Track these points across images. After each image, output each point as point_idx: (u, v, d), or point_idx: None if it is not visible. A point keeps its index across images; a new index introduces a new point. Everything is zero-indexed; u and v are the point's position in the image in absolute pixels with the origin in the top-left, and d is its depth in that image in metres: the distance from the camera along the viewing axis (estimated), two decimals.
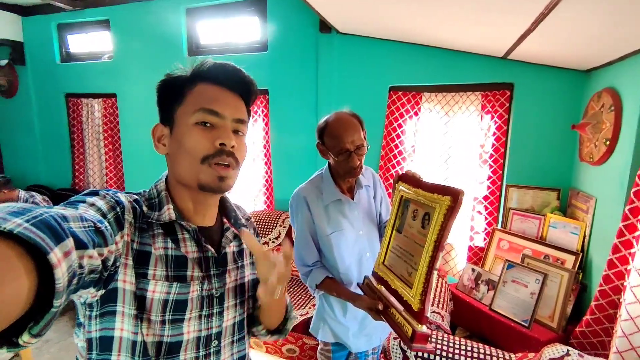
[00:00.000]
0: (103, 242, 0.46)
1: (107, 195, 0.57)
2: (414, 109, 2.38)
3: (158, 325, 0.59)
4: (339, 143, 1.08)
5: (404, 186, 0.99)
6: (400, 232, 0.97)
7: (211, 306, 0.65)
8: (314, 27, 2.50)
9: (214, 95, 0.64)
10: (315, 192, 1.17)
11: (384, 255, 1.02)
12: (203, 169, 0.61)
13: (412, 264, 0.87)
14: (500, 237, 2.20)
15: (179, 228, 0.64)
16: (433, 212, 0.83)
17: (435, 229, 0.80)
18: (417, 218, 0.91)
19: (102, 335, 0.57)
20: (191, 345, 0.62)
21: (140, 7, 2.99)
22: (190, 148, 0.61)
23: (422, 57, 2.30)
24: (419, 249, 0.85)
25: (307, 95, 2.62)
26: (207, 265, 0.66)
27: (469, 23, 1.70)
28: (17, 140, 3.90)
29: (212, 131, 0.62)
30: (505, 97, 2.17)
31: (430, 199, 0.85)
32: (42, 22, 3.45)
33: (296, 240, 1.20)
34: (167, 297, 0.59)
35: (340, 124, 1.11)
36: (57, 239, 0.36)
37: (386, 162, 2.49)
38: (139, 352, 0.58)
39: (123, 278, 0.56)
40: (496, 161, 2.23)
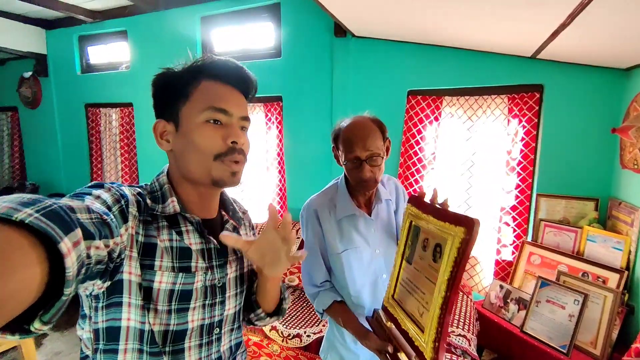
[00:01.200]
0: (109, 233, 0.47)
1: (112, 188, 0.57)
2: (434, 114, 2.26)
3: (164, 315, 0.60)
4: (349, 149, 0.97)
5: (414, 210, 0.88)
6: (410, 263, 0.86)
7: (214, 296, 0.67)
8: (328, 31, 2.43)
9: (221, 93, 0.65)
10: (328, 204, 1.06)
11: (393, 288, 0.90)
12: (216, 165, 0.63)
13: (424, 303, 0.76)
14: (531, 251, 2.03)
15: (183, 220, 0.65)
16: (445, 245, 0.72)
17: (447, 266, 0.69)
18: (427, 249, 0.79)
19: (109, 325, 0.58)
20: (195, 333, 0.65)
21: (156, 17, 3.02)
22: (201, 146, 0.62)
23: (442, 59, 2.18)
24: (431, 286, 0.74)
25: (322, 102, 2.54)
26: (210, 256, 0.68)
27: (495, 20, 1.57)
28: (41, 149, 4.01)
29: (223, 129, 0.64)
30: (535, 100, 2.01)
31: (441, 228, 0.74)
32: (64, 35, 3.54)
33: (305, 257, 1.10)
34: (173, 287, 0.61)
35: (354, 128, 0.99)
36: (67, 228, 0.36)
37: (405, 170, 2.36)
38: (147, 340, 0.60)
39: (128, 270, 0.57)
40: (525, 169, 2.07)
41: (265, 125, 2.79)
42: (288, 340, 1.86)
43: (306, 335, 1.85)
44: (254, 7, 2.70)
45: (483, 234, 2.25)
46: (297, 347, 1.85)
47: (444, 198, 0.81)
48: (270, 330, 1.92)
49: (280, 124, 2.72)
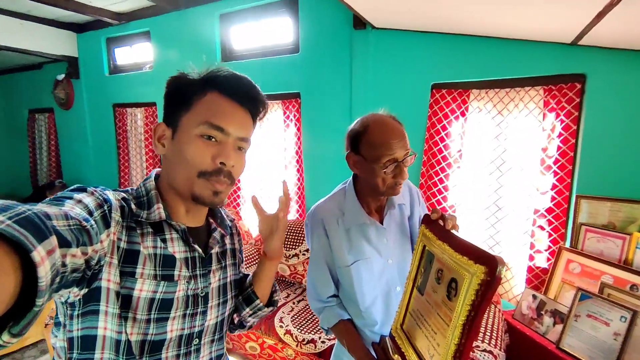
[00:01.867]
0: (88, 240, 0.46)
1: (95, 192, 0.56)
2: (460, 109, 2.10)
3: (143, 324, 0.59)
4: (387, 151, 0.84)
5: (428, 234, 0.77)
6: (422, 293, 0.76)
7: (196, 305, 0.66)
8: (347, 23, 2.33)
9: (222, 110, 0.62)
10: (335, 212, 0.96)
11: (402, 317, 0.81)
12: (199, 182, 0.61)
13: (435, 345, 0.67)
14: (570, 258, 1.84)
15: (168, 227, 0.64)
16: (462, 283, 0.62)
17: (463, 309, 0.59)
18: (442, 282, 0.69)
19: (84, 334, 0.56)
20: (173, 343, 0.63)
21: (177, 17, 3.04)
22: (189, 159, 0.60)
23: (469, 50, 2.02)
24: (443, 326, 0.65)
25: (341, 97, 2.45)
26: (194, 265, 0.66)
27: (529, 3, 1.42)
28: (74, 148, 4.20)
29: (215, 147, 0.62)
30: (575, 92, 1.81)
31: (458, 262, 0.64)
32: (93, 38, 3.67)
33: (310, 269, 1.01)
34: (154, 295, 0.59)
35: (386, 128, 0.87)
36: (41, 236, 0.35)
37: (428, 168, 2.22)
38: (123, 350, 0.58)
39: (107, 277, 0.55)
40: (563, 167, 1.88)
41: (284, 122, 2.74)
42: (302, 345, 1.80)
43: (320, 341, 1.78)
44: (272, 2, 2.65)
45: (515, 238, 2.08)
46: (311, 353, 1.79)
47: (452, 221, 0.72)
48: (284, 334, 1.87)
49: (298, 121, 2.66)
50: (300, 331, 1.86)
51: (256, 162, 2.97)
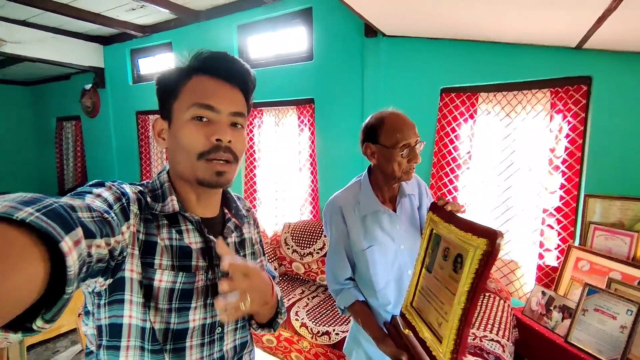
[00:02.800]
0: (110, 232, 0.47)
1: (113, 187, 0.57)
2: (469, 112, 2.17)
3: (165, 313, 0.60)
4: (402, 136, 0.97)
5: (435, 218, 0.87)
6: (430, 271, 0.85)
7: (216, 295, 0.65)
8: (359, 32, 2.44)
9: (209, 89, 0.63)
10: (352, 201, 1.07)
11: (412, 295, 0.90)
12: (200, 164, 0.61)
13: (443, 314, 0.75)
14: (579, 256, 1.88)
15: (182, 219, 0.65)
16: (466, 256, 0.71)
17: (468, 277, 0.68)
18: (448, 258, 0.78)
19: (111, 322, 0.58)
20: (197, 332, 0.64)
21: (198, 28, 3.22)
22: (186, 144, 0.61)
23: (477, 55, 2.10)
24: (450, 296, 0.73)
25: (353, 103, 2.55)
26: (211, 256, 0.66)
27: (532, 9, 1.49)
28: (99, 154, 4.42)
29: (208, 126, 0.62)
30: (581, 93, 1.87)
31: (463, 239, 0.73)
32: (119, 49, 3.89)
33: (329, 254, 1.11)
34: (174, 286, 0.60)
35: (400, 118, 1.01)
36: (67, 228, 0.36)
37: (438, 169, 2.30)
38: (148, 337, 0.59)
39: (130, 267, 0.57)
40: (571, 167, 1.92)
41: (298, 127, 2.85)
42: (317, 337, 1.89)
43: (335, 333, 1.87)
44: (287, 13, 2.79)
45: (524, 237, 2.12)
46: (326, 345, 1.87)
47: (455, 206, 0.81)
48: (300, 327, 1.96)
49: (312, 125, 2.77)
50: (315, 324, 1.95)
51: (271, 165, 3.09)
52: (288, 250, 2.62)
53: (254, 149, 3.14)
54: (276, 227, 3.04)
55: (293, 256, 2.60)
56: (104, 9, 3.08)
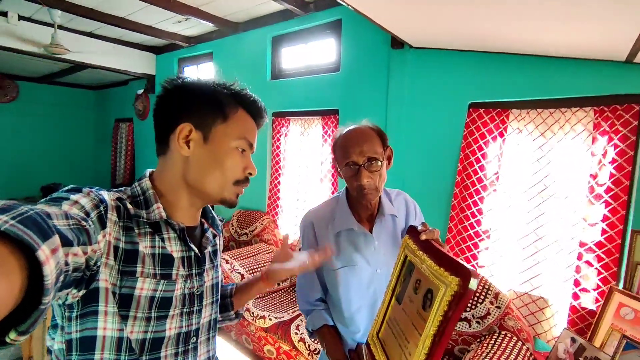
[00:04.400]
0: (87, 240, 0.47)
1: (91, 193, 0.57)
2: (498, 129, 2.00)
3: (143, 322, 0.60)
4: (346, 154, 0.91)
5: (411, 244, 0.79)
6: (399, 302, 0.77)
7: (192, 304, 0.68)
8: (385, 43, 2.38)
9: (251, 128, 0.71)
10: (326, 216, 1.01)
11: (379, 325, 0.82)
12: (232, 188, 0.68)
13: (407, 354, 0.68)
14: (622, 301, 1.61)
15: (165, 227, 0.65)
16: (436, 294, 0.63)
17: (435, 319, 0.61)
18: (419, 291, 0.70)
19: (83, 335, 0.57)
20: (172, 341, 0.64)
21: (236, 39, 3.37)
22: (227, 169, 0.66)
23: (509, 68, 1.93)
24: (416, 336, 0.66)
25: (377, 114, 2.48)
26: (190, 264, 0.68)
27: (571, 20, 1.34)
28: (146, 154, 4.79)
29: (244, 159, 0.69)
30: (632, 114, 1.63)
31: (435, 274, 0.66)
32: (168, 58, 4.21)
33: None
34: (154, 294, 0.61)
35: (350, 133, 0.94)
36: (44, 236, 0.35)
37: (462, 190, 2.13)
38: (125, 348, 0.59)
39: (105, 277, 0.56)
40: (616, 197, 1.67)
41: (322, 137, 2.84)
42: (314, 354, 1.82)
43: None
44: (318, 25, 2.82)
45: (557, 272, 1.88)
46: None
47: (433, 234, 0.73)
48: (298, 342, 1.91)
49: None
50: (314, 340, 1.88)
51: (294, 174, 3.10)
52: None
53: (280, 157, 3.18)
54: (295, 235, 3.03)
55: None
56: (154, 21, 3.36)
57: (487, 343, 1.57)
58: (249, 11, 3.06)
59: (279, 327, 2.03)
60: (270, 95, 3.14)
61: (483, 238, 2.06)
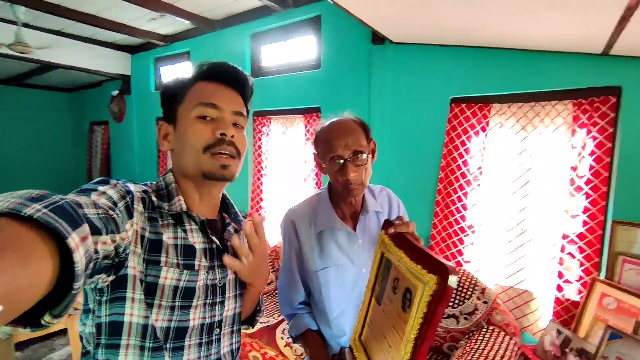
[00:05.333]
0: (115, 228, 0.48)
1: (118, 184, 0.59)
2: (480, 124, 2.00)
3: (167, 311, 0.61)
4: (330, 149, 0.86)
5: (387, 240, 0.75)
6: (379, 303, 0.73)
7: (215, 295, 0.68)
8: (366, 39, 2.35)
9: (212, 91, 0.68)
10: (308, 215, 0.96)
11: (361, 328, 0.78)
12: (205, 158, 0.64)
13: (389, 358, 0.63)
14: (604, 291, 1.63)
15: (187, 219, 0.67)
16: (415, 293, 0.59)
17: (415, 322, 0.57)
18: (397, 291, 0.66)
19: (111, 320, 0.58)
20: (196, 331, 0.65)
21: (214, 37, 3.28)
22: (192, 140, 0.65)
23: (490, 63, 1.93)
24: (398, 340, 0.62)
25: (359, 111, 2.39)
26: (212, 256, 0.68)
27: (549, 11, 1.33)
28: (122, 157, 4.62)
29: (212, 123, 0.66)
30: (609, 105, 1.65)
31: (413, 271, 0.62)
32: (144, 58, 4.06)
33: (281, 273, 1.01)
34: (178, 283, 0.62)
35: (334, 126, 0.90)
36: (74, 224, 0.37)
37: (446, 185, 2.12)
38: (150, 335, 0.60)
39: (133, 265, 0.58)
40: (596, 189, 1.69)
41: (305, 136, 2.79)
42: (300, 359, 1.76)
43: None
44: (297, 21, 2.76)
45: (541, 265, 1.89)
46: None
47: (410, 226, 0.70)
48: (284, 346, 1.85)
49: None
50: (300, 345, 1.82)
51: (277, 175, 3.04)
52: None
53: (262, 158, 3.11)
54: (279, 237, 2.97)
55: None
56: (127, 18, 3.22)
57: (476, 339, 1.56)
58: (226, 8, 2.97)
59: (265, 332, 1.97)
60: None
61: (468, 233, 2.05)
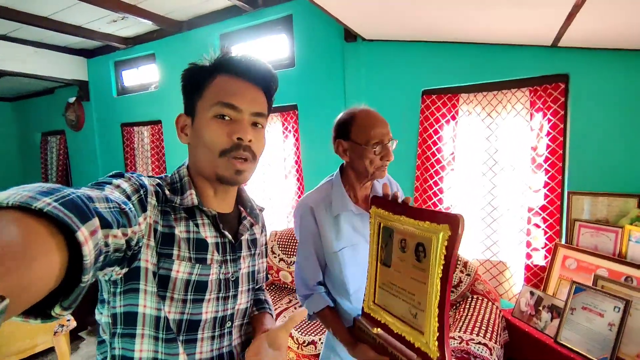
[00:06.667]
0: (127, 222, 0.48)
1: (132, 178, 0.58)
2: (450, 113, 2.17)
3: (179, 304, 0.62)
4: (375, 133, 0.95)
5: (381, 212, 0.84)
6: (388, 265, 0.82)
7: (227, 289, 0.69)
8: (339, 37, 2.45)
9: (232, 88, 0.65)
10: (324, 201, 1.03)
11: (372, 293, 0.86)
12: (221, 162, 0.63)
13: (415, 304, 0.73)
14: (566, 254, 1.85)
15: (199, 213, 0.66)
16: (430, 244, 0.69)
17: (438, 265, 0.67)
18: (407, 250, 0.76)
19: (126, 310, 0.59)
20: (209, 324, 0.66)
21: (180, 38, 3.21)
22: (208, 142, 0.63)
23: (456, 56, 2.11)
24: (420, 286, 0.71)
25: (336, 107, 2.54)
26: (225, 250, 0.68)
27: (506, 7, 1.50)
28: (84, 168, 4.36)
29: (229, 125, 0.63)
30: (560, 91, 1.88)
31: (420, 228, 0.72)
32: (103, 62, 3.86)
33: (298, 257, 1.07)
34: (190, 277, 0.62)
35: (372, 114, 0.99)
36: (84, 218, 0.37)
37: (423, 172, 2.28)
38: (163, 327, 0.61)
39: (145, 258, 0.58)
40: (553, 165, 1.92)
41: (283, 134, 2.83)
42: (303, 347, 1.83)
43: (321, 342, 1.81)
44: (268, 21, 2.79)
45: (511, 237, 2.10)
46: (312, 355, 1.81)
47: (403, 197, 0.79)
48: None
49: (296, 132, 2.75)
50: (302, 333, 1.89)
51: (257, 173, 3.05)
52: (275, 259, 2.57)
53: None
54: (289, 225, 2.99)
55: (280, 265, 2.54)
56: (85, 21, 3.06)
57: (464, 308, 1.71)
58: (193, 9, 2.93)
59: None
60: None
61: None
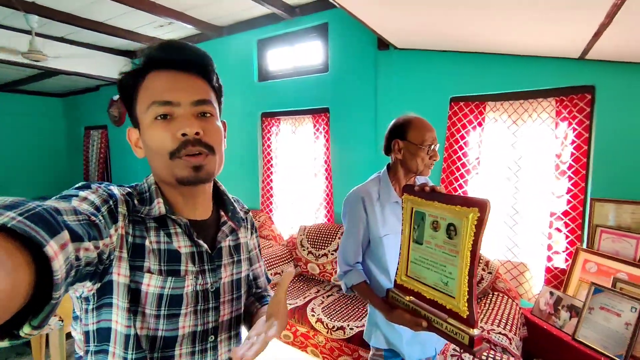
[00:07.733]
0: (98, 235, 0.47)
1: (100, 189, 0.56)
2: (477, 120, 2.28)
3: (152, 319, 0.58)
4: (428, 136, 1.13)
5: (413, 198, 0.97)
6: (420, 243, 0.96)
7: (206, 301, 0.64)
8: (372, 45, 2.59)
9: (163, 84, 0.59)
10: (373, 193, 1.20)
11: (405, 267, 1.00)
12: (174, 164, 0.58)
13: (447, 274, 0.86)
14: (587, 258, 1.94)
15: (171, 222, 0.62)
16: (460, 225, 0.82)
17: (468, 241, 0.80)
18: (439, 229, 0.89)
19: (99, 327, 0.57)
20: (187, 340, 0.61)
21: (220, 43, 3.44)
22: (155, 147, 0.58)
23: (484, 66, 2.22)
24: (451, 258, 0.84)
25: (367, 112, 2.69)
26: (202, 260, 0.64)
27: (536, 23, 1.62)
28: (125, 160, 4.68)
29: (171, 123, 0.58)
30: (585, 102, 1.96)
31: (451, 212, 0.84)
32: None
33: (344, 237, 1.23)
34: (162, 291, 0.59)
35: (425, 121, 1.18)
36: (52, 231, 0.35)
37: (449, 175, 2.40)
38: (132, 345, 0.57)
39: (117, 271, 0.56)
40: (577, 172, 2.00)
41: (314, 135, 3.00)
42: (332, 332, 1.98)
43: (349, 328, 1.96)
44: (304, 28, 2.97)
45: (533, 240, 2.19)
46: (340, 339, 1.96)
47: (432, 185, 0.94)
48: (316, 322, 2.06)
49: (327, 133, 2.92)
50: (331, 319, 2.05)
51: (288, 171, 3.24)
52: (304, 251, 2.74)
53: (271, 156, 3.30)
54: (292, 230, 3.17)
55: (308, 257, 2.71)
56: (135, 26, 3.33)
57: (485, 303, 1.83)
58: (233, 15, 3.15)
59: (295, 312, 2.17)
60: (259, 96, 3.26)
61: None
